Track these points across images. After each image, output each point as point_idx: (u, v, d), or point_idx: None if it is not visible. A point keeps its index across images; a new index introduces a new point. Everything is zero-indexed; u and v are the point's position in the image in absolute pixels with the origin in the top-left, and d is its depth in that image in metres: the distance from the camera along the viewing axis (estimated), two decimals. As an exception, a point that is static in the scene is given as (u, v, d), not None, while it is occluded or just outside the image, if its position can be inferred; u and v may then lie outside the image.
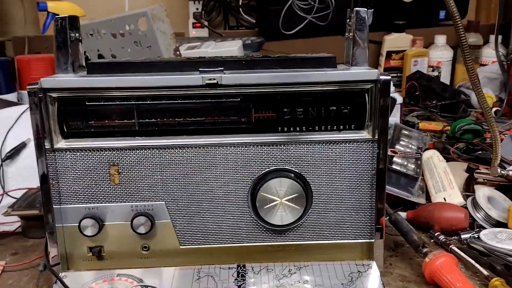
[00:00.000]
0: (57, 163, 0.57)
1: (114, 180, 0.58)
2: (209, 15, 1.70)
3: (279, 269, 0.59)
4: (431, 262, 0.58)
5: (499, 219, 0.72)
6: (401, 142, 0.91)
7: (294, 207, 0.58)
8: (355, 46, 0.59)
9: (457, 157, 0.99)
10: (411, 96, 1.45)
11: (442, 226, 0.70)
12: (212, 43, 1.23)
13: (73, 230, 0.58)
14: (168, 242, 0.59)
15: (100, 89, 0.55)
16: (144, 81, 0.55)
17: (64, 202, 0.58)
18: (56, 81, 0.55)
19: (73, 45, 0.59)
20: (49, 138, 0.56)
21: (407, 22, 1.59)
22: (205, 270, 0.59)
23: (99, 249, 0.59)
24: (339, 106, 0.57)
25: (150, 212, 0.58)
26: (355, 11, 0.58)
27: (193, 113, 0.57)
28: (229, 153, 0.58)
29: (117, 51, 1.07)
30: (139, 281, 0.57)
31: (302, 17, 1.32)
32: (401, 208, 0.77)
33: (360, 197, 0.59)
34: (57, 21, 0.57)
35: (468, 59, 0.79)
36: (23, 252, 0.70)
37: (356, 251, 0.61)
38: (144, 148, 0.57)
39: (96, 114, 0.56)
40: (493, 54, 1.52)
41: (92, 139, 0.57)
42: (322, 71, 0.56)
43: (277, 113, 0.57)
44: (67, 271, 0.59)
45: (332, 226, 0.60)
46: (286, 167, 0.58)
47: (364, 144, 0.58)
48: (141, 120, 0.57)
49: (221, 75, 0.55)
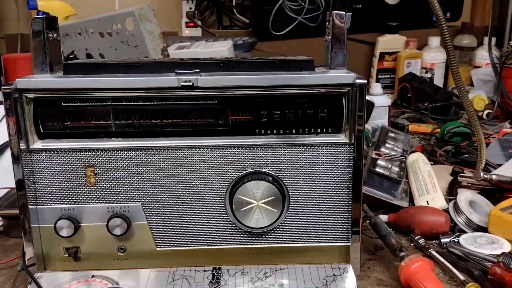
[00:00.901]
0: (33, 164, 0.57)
1: (90, 181, 0.58)
2: (202, 15, 1.70)
3: (255, 272, 0.59)
4: (406, 266, 0.58)
5: (480, 223, 0.71)
6: (387, 145, 0.90)
7: (270, 210, 0.58)
8: (333, 49, 0.59)
9: (444, 160, 0.99)
10: (403, 98, 1.44)
11: (423, 230, 0.70)
12: (202, 43, 1.23)
13: (49, 230, 0.58)
14: (144, 244, 0.59)
15: (76, 90, 0.55)
16: (120, 82, 0.55)
17: (40, 203, 0.58)
18: (31, 81, 0.55)
19: (51, 45, 0.59)
20: (25, 139, 0.56)
21: (400, 23, 1.58)
22: (180, 272, 0.59)
23: (75, 250, 0.59)
24: (317, 109, 0.57)
25: (126, 213, 0.58)
26: (333, 14, 0.58)
27: (170, 115, 0.57)
28: (206, 155, 0.57)
29: (105, 50, 1.06)
30: (114, 283, 0.57)
31: (292, 18, 1.32)
32: (382, 211, 0.77)
33: (337, 199, 0.59)
34: (34, 21, 0.57)
35: (453, 62, 0.79)
36: (3, 252, 0.70)
37: (333, 254, 0.61)
38: (121, 149, 0.57)
39: (72, 115, 0.56)
40: (487, 56, 1.52)
41: (68, 140, 0.57)
42: (299, 74, 0.56)
43: (254, 116, 0.57)
44: (43, 271, 0.59)
45: (309, 229, 0.60)
46: (263, 170, 0.58)
47: (341, 148, 0.58)
48: (118, 121, 0.56)
49: (197, 77, 0.55)
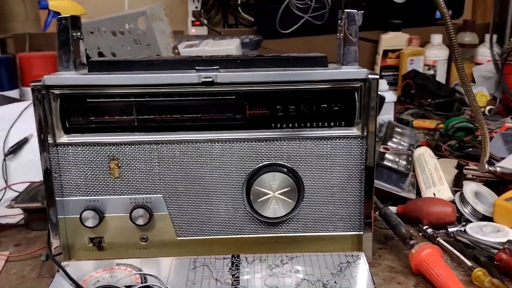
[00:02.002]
0: (59, 157, 0.59)
1: (114, 173, 0.60)
2: (208, 14, 1.73)
3: (272, 259, 0.61)
4: (417, 253, 0.60)
5: (485, 213, 0.74)
6: (394, 139, 0.93)
7: (286, 200, 0.60)
8: (345, 46, 0.61)
9: (448, 154, 1.02)
10: (407, 95, 1.47)
11: (431, 220, 0.73)
12: (210, 42, 1.26)
13: (74, 221, 0.61)
14: (165, 234, 0.62)
15: (101, 87, 0.58)
16: (143, 79, 0.58)
17: (66, 195, 0.61)
18: (58, 78, 0.57)
19: (74, 44, 0.62)
20: (52, 133, 0.58)
21: (403, 21, 1.61)
22: (201, 260, 0.61)
23: (99, 240, 0.62)
24: (330, 103, 0.60)
25: (148, 204, 0.61)
26: (346, 12, 0.61)
27: (190, 110, 0.59)
28: (225, 148, 0.60)
29: (117, 49, 1.09)
30: (138, 270, 0.60)
31: (299, 16, 1.35)
32: (392, 203, 0.79)
33: (350, 190, 0.62)
34: (60, 20, 0.60)
35: (458, 58, 0.81)
36: (26, 244, 0.72)
37: (346, 243, 0.63)
38: (143, 143, 0.60)
39: (97, 110, 0.59)
40: (488, 53, 1.54)
41: (93, 134, 0.59)
42: (313, 70, 0.59)
43: (270, 110, 0.59)
44: (68, 261, 0.62)
45: (323, 219, 0.62)
46: (279, 162, 0.61)
47: (354, 140, 0.60)
48: (140, 116, 0.59)
49: (216, 74, 0.57)
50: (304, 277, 0.58)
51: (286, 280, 0.58)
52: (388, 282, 0.61)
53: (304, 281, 0.58)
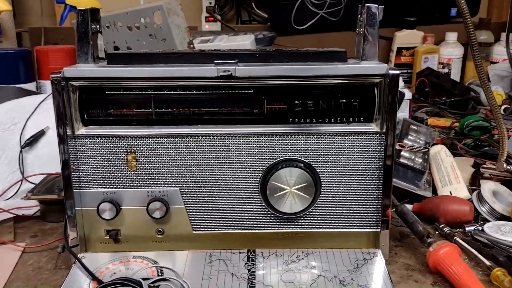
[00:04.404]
0: (78, 149, 0.60)
1: (131, 166, 0.60)
2: (222, 9, 1.72)
3: (288, 255, 0.61)
4: (435, 251, 0.60)
5: (503, 212, 0.73)
6: (409, 137, 0.92)
7: (303, 196, 0.60)
8: (365, 41, 0.61)
9: (464, 152, 1.01)
10: (421, 93, 1.46)
11: (447, 219, 0.72)
12: (224, 37, 1.25)
13: (91, 213, 0.61)
14: (181, 227, 0.62)
15: (120, 79, 0.58)
16: (161, 72, 0.58)
17: (83, 187, 0.61)
18: (78, 70, 0.58)
19: (93, 37, 0.62)
20: (70, 125, 0.59)
21: (418, 18, 1.60)
22: (217, 254, 0.61)
23: (116, 232, 0.62)
24: (349, 99, 0.59)
25: (165, 197, 0.61)
26: (366, 7, 0.60)
27: (208, 103, 0.59)
28: (242, 142, 0.60)
29: (133, 43, 1.09)
30: (154, 263, 0.60)
31: (314, 12, 1.34)
32: (408, 201, 0.79)
33: (367, 187, 0.61)
34: (79, 13, 0.60)
35: (477, 57, 0.80)
36: (42, 235, 0.73)
37: (362, 240, 0.63)
38: (161, 137, 0.60)
39: (115, 103, 0.59)
40: (504, 52, 1.52)
41: (111, 127, 0.59)
42: (332, 65, 0.58)
43: (288, 105, 0.59)
44: (85, 253, 0.62)
45: (340, 216, 0.62)
46: (296, 157, 0.60)
47: (372, 137, 0.60)
48: (158, 110, 0.59)
49: (235, 67, 0.57)
50: (320, 273, 0.58)
51: (302, 276, 0.58)
52: (405, 280, 0.61)
53: (320, 277, 0.57)
